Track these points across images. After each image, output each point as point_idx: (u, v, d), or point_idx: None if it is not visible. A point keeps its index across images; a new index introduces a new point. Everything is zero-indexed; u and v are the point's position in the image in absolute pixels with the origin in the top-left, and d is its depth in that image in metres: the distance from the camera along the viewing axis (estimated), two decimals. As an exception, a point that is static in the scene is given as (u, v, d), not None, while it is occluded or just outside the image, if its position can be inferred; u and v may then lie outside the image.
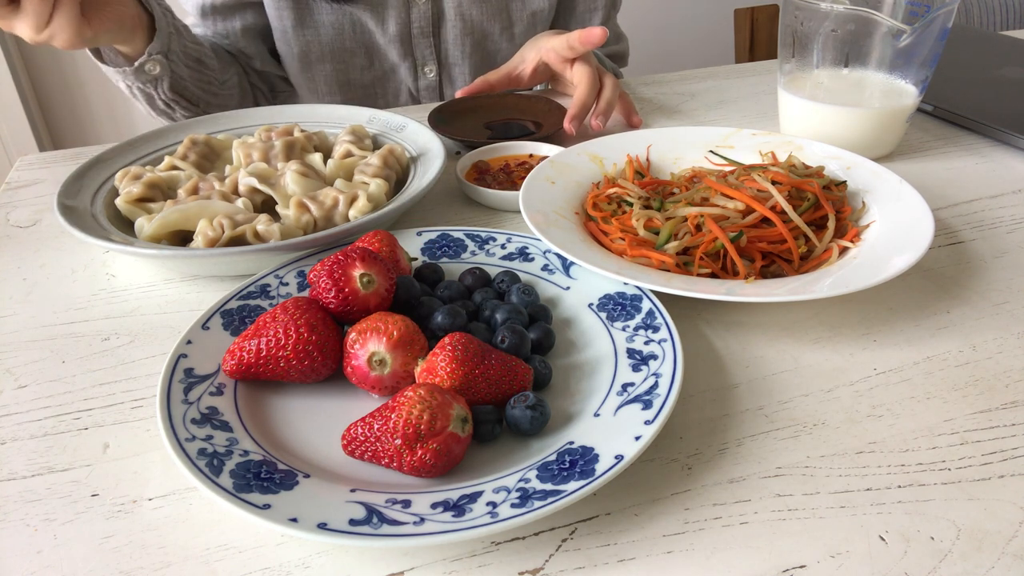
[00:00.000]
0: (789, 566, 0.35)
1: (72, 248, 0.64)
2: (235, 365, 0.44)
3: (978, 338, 0.50)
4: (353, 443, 0.39)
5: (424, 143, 0.72)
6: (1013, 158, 0.76)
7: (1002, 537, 0.36)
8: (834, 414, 0.44)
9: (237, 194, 0.64)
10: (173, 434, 0.39)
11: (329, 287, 0.44)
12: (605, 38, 0.77)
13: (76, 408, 0.46)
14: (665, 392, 0.42)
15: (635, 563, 0.36)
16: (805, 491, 0.39)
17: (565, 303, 0.52)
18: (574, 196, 0.63)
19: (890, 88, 0.73)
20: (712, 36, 2.55)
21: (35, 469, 0.42)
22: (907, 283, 0.56)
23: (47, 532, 0.38)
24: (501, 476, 0.38)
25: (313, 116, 0.79)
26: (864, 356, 0.49)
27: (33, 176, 0.77)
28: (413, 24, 0.95)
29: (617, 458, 0.37)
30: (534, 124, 0.83)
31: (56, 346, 0.52)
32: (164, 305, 0.56)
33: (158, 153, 0.72)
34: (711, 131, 0.72)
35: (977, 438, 0.42)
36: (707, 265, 0.53)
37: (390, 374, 0.43)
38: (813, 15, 0.72)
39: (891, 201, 0.60)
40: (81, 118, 2.21)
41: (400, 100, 1.03)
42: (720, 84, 0.98)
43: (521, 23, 1.01)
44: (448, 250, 0.57)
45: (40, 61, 2.09)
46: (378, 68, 1.00)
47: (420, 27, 0.95)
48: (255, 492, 0.36)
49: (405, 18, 0.94)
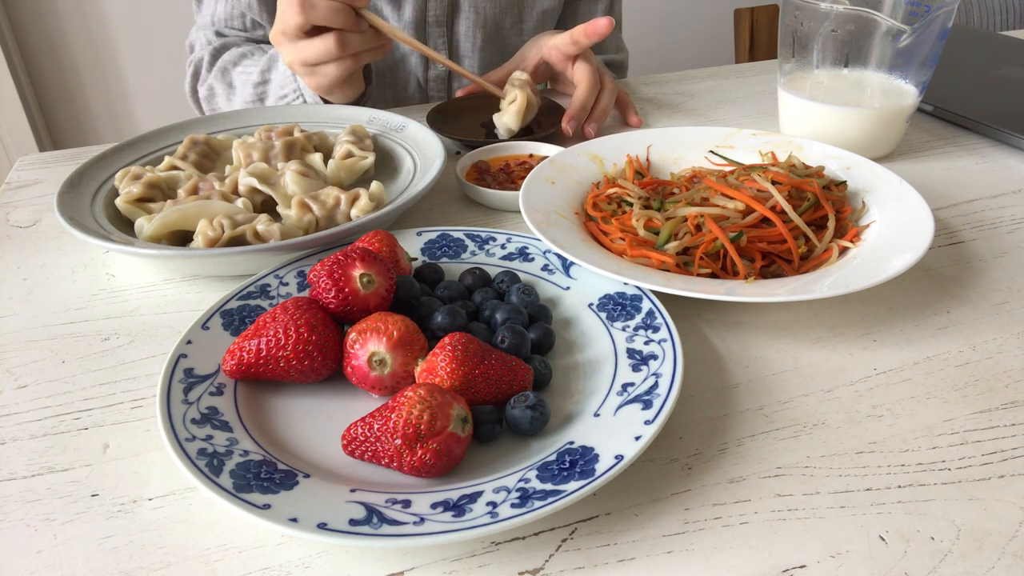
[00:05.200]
0: (789, 566, 0.35)
1: (72, 248, 0.64)
2: (235, 365, 0.44)
3: (978, 338, 0.50)
4: (353, 443, 0.39)
5: (424, 143, 0.72)
6: (1013, 158, 0.76)
7: (1002, 537, 0.36)
8: (834, 414, 0.44)
9: (237, 194, 0.64)
10: (173, 434, 0.39)
11: (329, 287, 0.44)
12: (611, 29, 0.77)
13: (76, 408, 0.46)
14: (665, 392, 0.42)
15: (635, 563, 0.36)
16: (805, 491, 0.39)
17: (565, 303, 0.52)
18: (574, 196, 0.63)
19: (890, 88, 0.73)
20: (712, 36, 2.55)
21: (35, 469, 0.42)
22: (907, 283, 0.56)
23: (47, 532, 0.38)
24: (501, 476, 0.38)
25: (313, 116, 0.79)
26: (864, 356, 0.49)
27: (33, 176, 0.77)
28: (428, 12, 0.95)
29: (617, 458, 0.37)
30: (534, 124, 0.83)
31: (56, 346, 0.52)
32: (164, 305, 0.56)
33: (158, 153, 0.72)
34: (711, 131, 0.72)
35: (977, 438, 0.42)
36: (707, 265, 0.53)
37: (390, 374, 0.43)
38: (813, 15, 0.72)
39: (891, 201, 0.60)
40: (81, 118, 2.21)
41: (409, 90, 1.03)
42: (720, 84, 0.98)
43: (531, 19, 1.01)
44: (448, 250, 0.57)
45: (40, 61, 2.09)
46: (388, 56, 1.00)
47: (435, 16, 0.96)
48: (255, 492, 0.36)
49: (421, 6, 0.94)
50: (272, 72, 0.88)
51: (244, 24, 0.95)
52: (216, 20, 0.95)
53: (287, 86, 0.85)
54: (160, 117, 2.18)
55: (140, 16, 2.09)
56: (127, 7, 2.07)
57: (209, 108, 0.97)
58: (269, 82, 0.88)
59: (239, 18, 0.94)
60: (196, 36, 0.98)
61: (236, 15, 0.94)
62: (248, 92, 0.91)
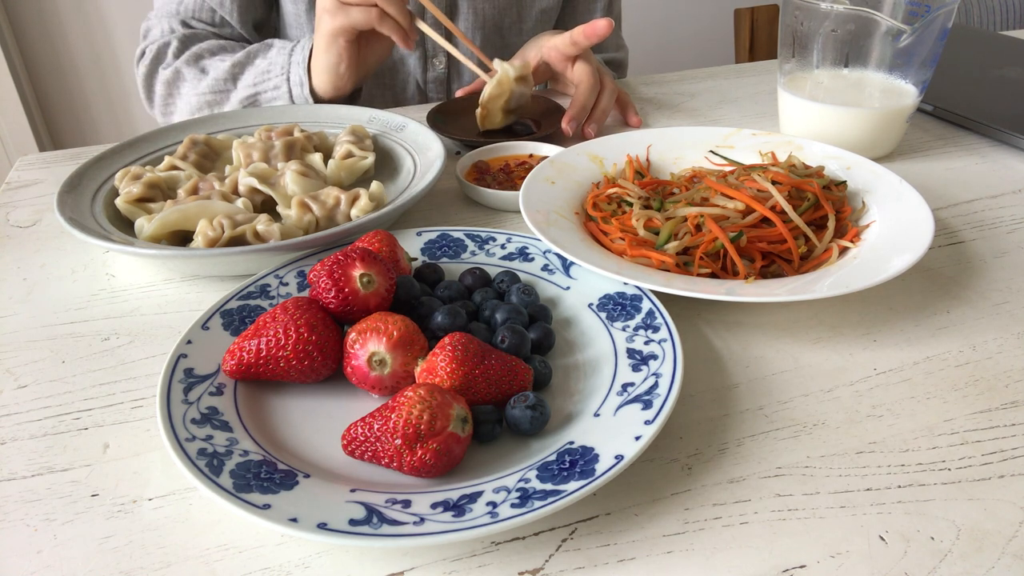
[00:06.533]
0: (789, 566, 0.35)
1: (72, 248, 0.64)
2: (235, 365, 0.44)
3: (978, 338, 0.50)
4: (353, 443, 0.39)
5: (424, 143, 0.72)
6: (1013, 158, 0.76)
7: (1002, 537, 0.36)
8: (834, 414, 0.44)
9: (237, 194, 0.64)
10: (173, 434, 0.39)
11: (329, 287, 0.44)
12: (610, 30, 0.77)
13: (76, 408, 0.46)
14: (665, 392, 0.42)
15: (635, 563, 0.36)
16: (805, 491, 0.39)
17: (565, 303, 0.52)
18: (574, 196, 0.63)
19: (890, 88, 0.73)
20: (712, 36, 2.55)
21: (35, 469, 0.42)
22: (907, 283, 0.56)
23: (47, 532, 0.38)
24: (501, 476, 0.38)
25: (313, 116, 0.79)
26: (864, 356, 0.49)
27: (33, 176, 0.77)
28: (427, 13, 0.95)
29: (617, 458, 0.37)
30: (534, 124, 0.83)
31: (56, 346, 0.52)
32: (164, 305, 0.56)
33: (158, 153, 0.72)
34: (711, 131, 0.72)
35: (977, 438, 0.42)
36: (707, 265, 0.53)
37: (390, 374, 0.43)
38: (813, 15, 0.72)
39: (891, 201, 0.60)
40: (81, 118, 2.21)
41: (408, 91, 1.03)
42: (720, 84, 0.98)
43: (531, 19, 1.01)
44: (448, 250, 0.57)
45: (40, 61, 2.09)
46: (388, 57, 1.00)
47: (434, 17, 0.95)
48: (255, 492, 0.36)
49: (420, 8, 0.94)
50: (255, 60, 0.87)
51: (212, 19, 0.94)
52: (183, 10, 0.94)
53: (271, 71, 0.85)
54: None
55: (140, 16, 2.09)
56: (127, 7, 2.07)
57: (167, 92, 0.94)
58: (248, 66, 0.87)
59: (208, 12, 0.93)
60: (154, 23, 0.95)
61: (205, 8, 0.93)
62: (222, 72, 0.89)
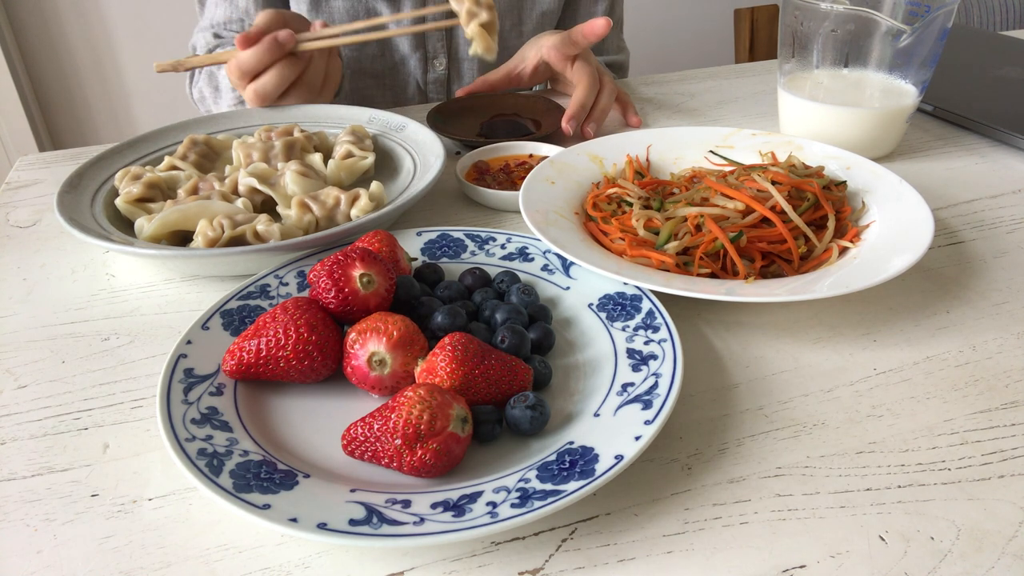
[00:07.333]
0: (789, 566, 0.35)
1: (72, 248, 0.64)
2: (235, 365, 0.44)
3: (978, 338, 0.50)
4: (353, 443, 0.39)
5: (424, 143, 0.72)
6: (1013, 158, 0.76)
7: (1002, 537, 0.36)
8: (834, 414, 0.44)
9: (237, 194, 0.64)
10: (173, 434, 0.39)
11: (329, 287, 0.44)
12: (609, 29, 0.77)
13: (76, 408, 0.46)
14: (665, 392, 0.42)
15: (635, 563, 0.36)
16: (805, 491, 0.39)
17: (565, 303, 0.52)
18: (574, 196, 0.63)
19: (890, 88, 0.73)
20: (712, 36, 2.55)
21: (35, 469, 0.42)
22: (907, 283, 0.56)
23: (47, 532, 0.38)
24: (501, 476, 0.38)
25: (313, 116, 0.79)
26: (864, 356, 0.49)
27: (33, 176, 0.77)
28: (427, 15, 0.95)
29: (617, 458, 0.37)
30: (534, 124, 0.83)
31: (56, 346, 0.52)
32: (164, 305, 0.56)
33: (158, 153, 0.72)
34: (711, 131, 0.72)
35: (977, 438, 0.42)
36: (707, 265, 0.53)
37: (390, 374, 0.43)
38: (813, 15, 0.72)
39: (891, 201, 0.60)
40: (81, 118, 2.21)
41: (408, 92, 1.03)
42: (720, 84, 0.98)
43: (531, 21, 1.01)
44: (448, 250, 0.57)
45: (40, 61, 2.09)
46: (388, 58, 1.00)
47: (434, 18, 0.96)
48: (255, 492, 0.36)
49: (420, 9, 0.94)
50: None
51: (242, 29, 0.95)
52: (215, 23, 0.95)
53: None
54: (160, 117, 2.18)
55: (140, 16, 2.09)
56: (127, 7, 2.07)
57: (203, 110, 0.97)
58: None
59: (237, 22, 0.94)
60: (197, 38, 0.98)
61: (235, 19, 0.94)
62: (230, 97, 0.90)
